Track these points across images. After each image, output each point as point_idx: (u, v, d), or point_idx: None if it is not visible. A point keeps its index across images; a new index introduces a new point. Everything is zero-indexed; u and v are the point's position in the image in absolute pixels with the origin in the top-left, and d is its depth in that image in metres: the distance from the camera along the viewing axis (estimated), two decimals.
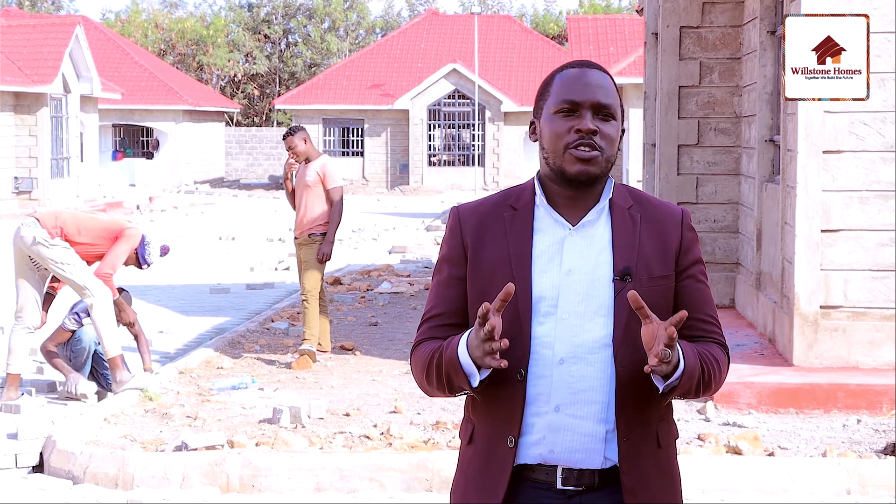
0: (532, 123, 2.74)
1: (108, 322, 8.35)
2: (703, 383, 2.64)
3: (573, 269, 2.64)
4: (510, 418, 2.63)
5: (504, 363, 2.49)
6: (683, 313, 2.49)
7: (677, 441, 2.82)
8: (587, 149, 2.62)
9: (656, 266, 2.67)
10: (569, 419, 2.61)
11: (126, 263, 8.67)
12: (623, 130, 2.72)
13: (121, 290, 8.87)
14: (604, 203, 2.69)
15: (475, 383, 2.58)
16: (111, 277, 8.42)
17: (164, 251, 8.86)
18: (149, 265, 8.78)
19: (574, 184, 2.65)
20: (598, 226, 2.68)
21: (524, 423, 2.63)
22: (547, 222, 2.68)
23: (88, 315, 8.59)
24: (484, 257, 2.69)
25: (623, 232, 2.67)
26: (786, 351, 8.57)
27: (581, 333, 2.61)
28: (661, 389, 2.58)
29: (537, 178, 2.73)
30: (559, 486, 2.63)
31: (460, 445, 2.79)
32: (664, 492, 2.69)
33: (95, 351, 8.69)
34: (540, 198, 2.70)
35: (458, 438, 2.83)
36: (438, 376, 2.64)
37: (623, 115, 2.71)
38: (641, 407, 2.64)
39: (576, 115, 2.64)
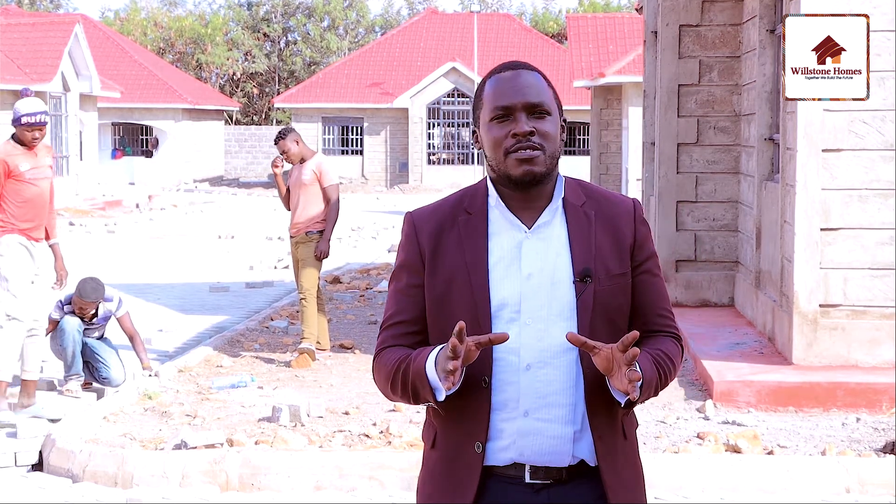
0: (474, 131, 2.74)
1: (10, 346, 7.82)
2: (659, 385, 2.68)
3: (533, 273, 2.64)
4: (476, 425, 2.64)
5: (453, 385, 2.51)
6: (635, 334, 2.48)
7: (677, 439, 2.83)
8: (527, 150, 2.62)
9: (613, 264, 2.67)
10: (537, 423, 2.62)
11: (25, 143, 7.80)
12: (564, 122, 2.71)
13: (92, 278, 8.75)
14: (557, 202, 2.69)
15: (440, 398, 2.58)
16: None
17: (23, 94, 7.95)
18: (20, 117, 7.75)
19: (521, 186, 2.65)
20: (553, 227, 2.67)
21: (494, 428, 2.63)
22: (502, 225, 2.68)
23: (70, 304, 8.62)
24: (441, 265, 2.68)
25: (579, 232, 2.67)
26: (785, 349, 8.57)
27: (545, 338, 2.62)
28: (622, 404, 2.60)
29: (489, 179, 2.72)
30: (527, 479, 2.65)
31: (424, 448, 2.78)
32: (634, 483, 2.72)
33: (87, 344, 8.69)
34: (494, 200, 2.69)
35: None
36: (404, 386, 2.64)
37: (560, 109, 2.71)
38: (609, 405, 2.65)
39: (510, 119, 2.64)
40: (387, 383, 2.69)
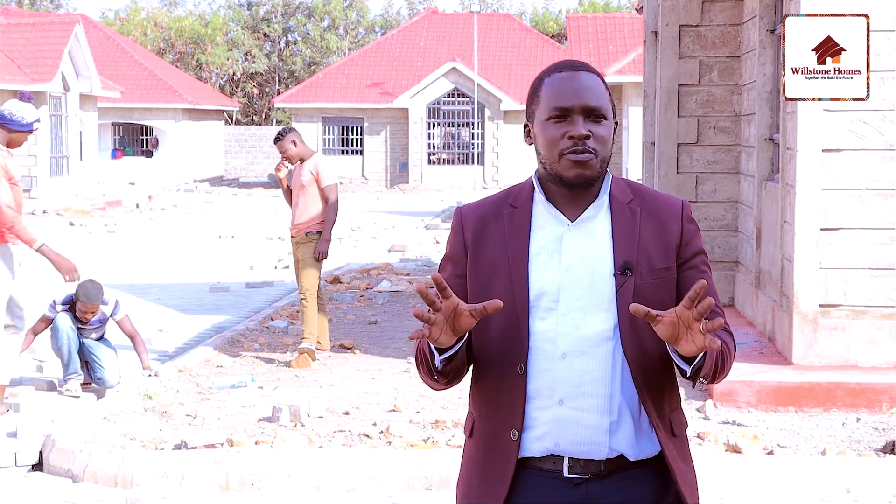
0: (526, 126, 2.77)
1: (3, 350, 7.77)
2: (718, 366, 2.64)
3: (573, 265, 2.67)
4: (512, 412, 2.67)
5: (429, 335, 2.54)
6: (703, 283, 2.47)
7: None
8: (581, 153, 2.64)
9: (657, 258, 2.69)
10: (573, 412, 2.64)
11: (13, 146, 7.75)
12: (616, 125, 2.74)
13: (90, 280, 8.76)
14: (602, 199, 2.72)
15: (436, 362, 2.63)
16: (15, 219, 7.63)
17: (24, 97, 7.87)
18: (31, 123, 7.80)
19: (572, 186, 2.68)
20: (597, 221, 2.70)
21: (529, 417, 2.66)
22: (546, 219, 2.71)
23: (65, 304, 8.63)
24: (483, 255, 2.73)
25: (623, 226, 2.69)
26: (785, 349, 8.57)
27: (582, 328, 2.64)
28: (688, 372, 2.59)
29: (536, 176, 2.76)
30: (566, 474, 2.66)
31: (465, 439, 2.83)
32: (693, 481, 2.73)
33: (84, 344, 8.70)
34: (539, 195, 2.73)
35: (458, 437, 2.86)
36: (422, 360, 2.70)
37: (614, 111, 2.73)
38: (657, 396, 2.68)
39: (567, 120, 2.66)
40: (419, 367, 2.74)
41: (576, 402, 2.64)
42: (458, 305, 2.53)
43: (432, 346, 2.62)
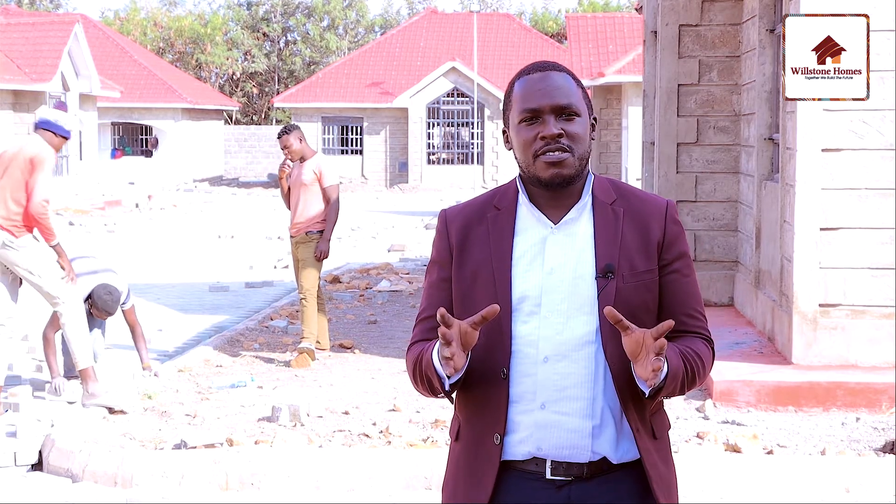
0: (504, 132, 2.77)
1: (79, 331, 7.92)
2: (686, 381, 2.66)
3: (555, 268, 2.66)
4: (495, 416, 2.66)
5: (453, 370, 2.55)
6: (670, 323, 2.49)
7: (676, 439, 2.83)
8: (555, 153, 2.64)
9: (639, 261, 2.68)
10: (555, 416, 2.63)
11: (59, 149, 8.04)
12: (594, 121, 2.74)
13: (105, 290, 8.72)
14: (585, 200, 2.70)
15: (447, 386, 2.62)
16: (46, 212, 7.73)
17: (61, 107, 8.32)
18: (70, 132, 8.09)
19: (550, 187, 2.67)
20: (580, 223, 2.69)
21: (511, 421, 2.66)
22: (529, 221, 2.70)
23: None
24: (468, 259, 2.72)
25: (605, 228, 2.68)
26: (785, 349, 8.57)
27: (564, 331, 2.63)
28: (646, 393, 2.60)
29: (519, 178, 2.75)
30: (548, 476, 2.66)
31: (450, 442, 2.82)
32: (668, 481, 2.72)
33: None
34: (522, 197, 2.72)
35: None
36: (421, 380, 2.69)
37: (590, 108, 2.72)
38: (639, 399, 2.66)
39: (539, 121, 2.66)
40: (412, 378, 2.74)
41: (558, 405, 2.63)
42: (461, 326, 2.54)
43: (440, 372, 2.61)
